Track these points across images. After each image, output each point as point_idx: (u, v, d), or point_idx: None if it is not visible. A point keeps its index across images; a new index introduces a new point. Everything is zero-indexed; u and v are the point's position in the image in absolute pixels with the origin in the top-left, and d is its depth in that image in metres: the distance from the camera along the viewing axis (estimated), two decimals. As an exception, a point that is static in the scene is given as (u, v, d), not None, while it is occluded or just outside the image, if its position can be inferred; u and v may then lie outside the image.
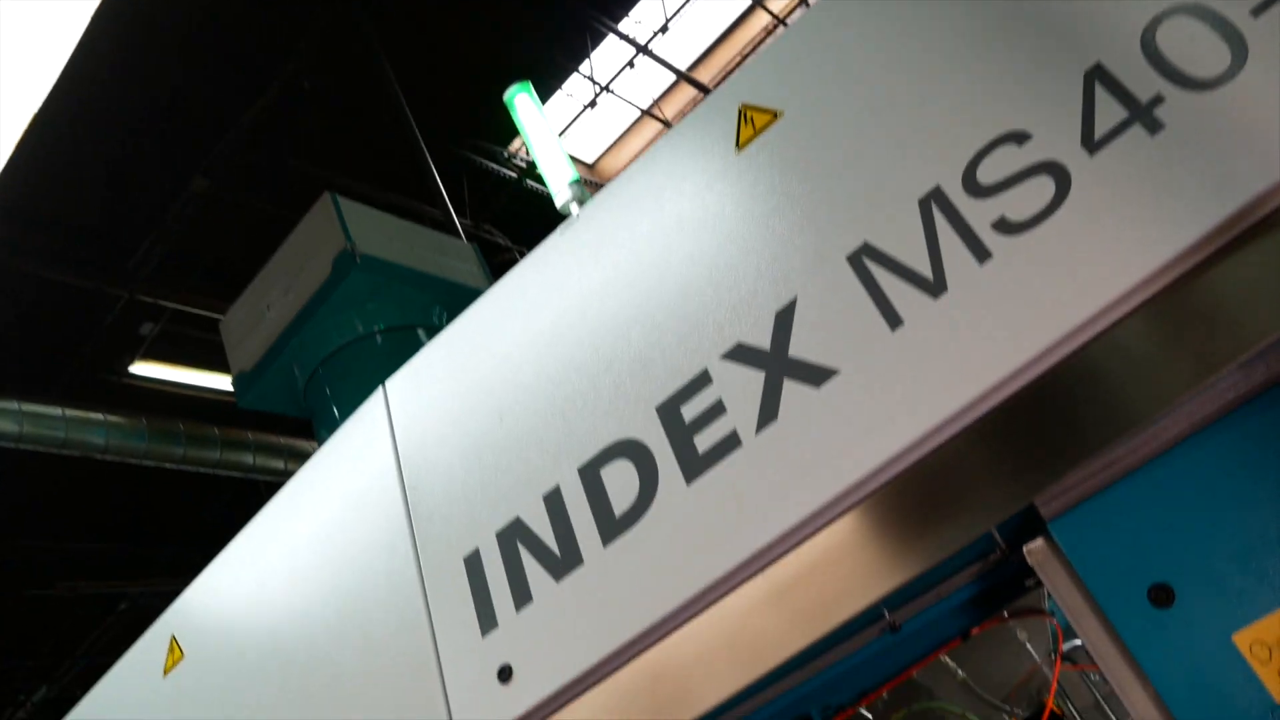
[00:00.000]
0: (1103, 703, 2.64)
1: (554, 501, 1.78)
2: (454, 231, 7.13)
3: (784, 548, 1.51)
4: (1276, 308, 1.28)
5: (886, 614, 1.60)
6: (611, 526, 1.68)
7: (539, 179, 10.61)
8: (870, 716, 2.36)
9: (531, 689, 1.69)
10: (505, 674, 1.72)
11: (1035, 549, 1.45)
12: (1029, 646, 2.17)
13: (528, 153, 10.63)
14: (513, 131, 10.30)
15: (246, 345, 3.92)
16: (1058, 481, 1.41)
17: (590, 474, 1.75)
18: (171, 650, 2.53)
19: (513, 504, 1.84)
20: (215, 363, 9.28)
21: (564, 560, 1.73)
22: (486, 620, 1.79)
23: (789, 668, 1.65)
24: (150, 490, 10.43)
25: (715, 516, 1.57)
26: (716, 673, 1.56)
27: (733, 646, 1.55)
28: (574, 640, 1.67)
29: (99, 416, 7.14)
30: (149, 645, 2.60)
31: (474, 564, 1.85)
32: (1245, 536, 1.33)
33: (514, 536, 1.81)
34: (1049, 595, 1.70)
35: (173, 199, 8.03)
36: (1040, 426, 1.39)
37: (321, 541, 2.21)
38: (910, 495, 1.45)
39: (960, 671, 2.35)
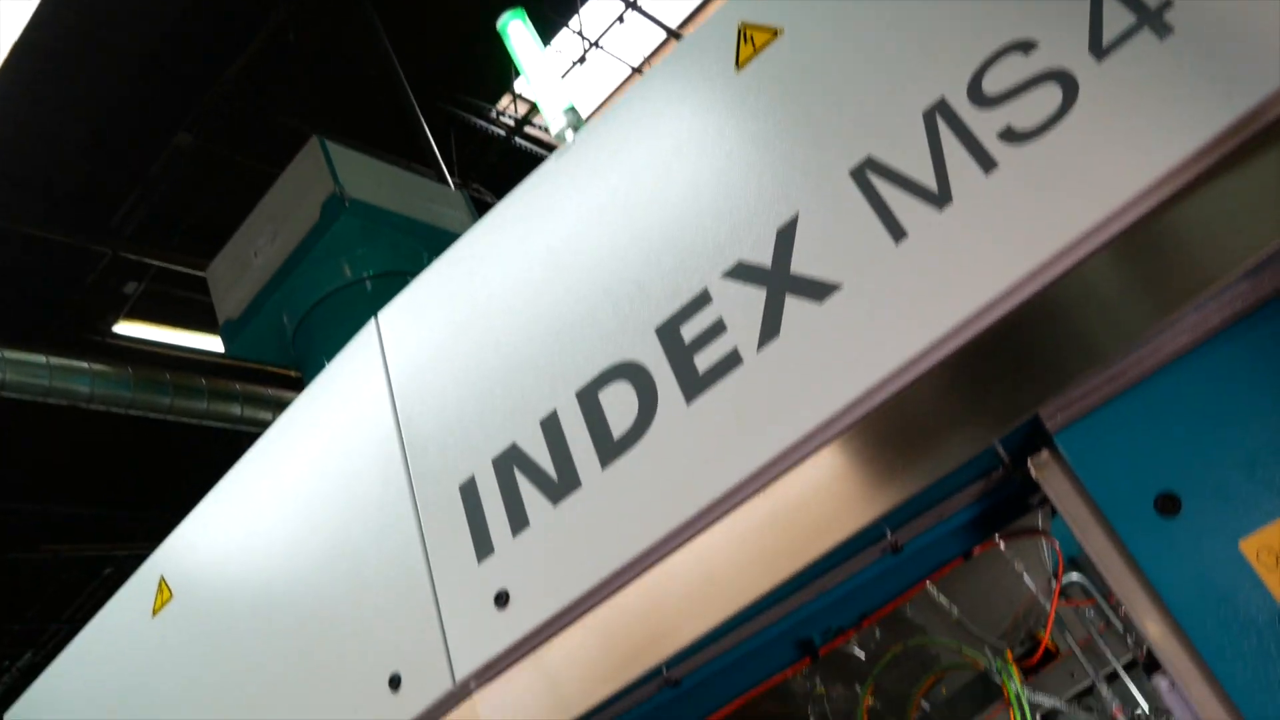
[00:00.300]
0: (1098, 640, 2.65)
1: (551, 426, 1.76)
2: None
3: (786, 464, 1.50)
4: (1288, 212, 1.26)
5: (889, 534, 1.59)
6: (610, 449, 1.66)
7: (528, 136, 10.54)
8: (863, 655, 2.37)
9: (529, 613, 1.68)
10: (502, 599, 1.71)
11: (1041, 461, 1.43)
12: (1026, 579, 2.16)
13: (516, 109, 10.55)
14: (501, 88, 10.23)
15: (233, 292, 3.88)
16: (1063, 394, 1.39)
17: (588, 397, 1.72)
18: (160, 590, 2.51)
19: (509, 431, 1.82)
20: (200, 322, 9.23)
21: (561, 484, 1.71)
22: (483, 547, 1.77)
23: (790, 589, 1.63)
24: (135, 454, 10.39)
25: (716, 435, 1.55)
26: (718, 594, 1.54)
27: (734, 567, 1.53)
28: (572, 563, 1.65)
29: (83, 365, 7.07)
30: (138, 586, 2.57)
31: (469, 492, 1.83)
32: (1252, 444, 1.31)
33: (510, 463, 1.79)
34: (1052, 514, 1.69)
35: (156, 156, 7.95)
36: (1045, 337, 1.38)
37: (313, 476, 2.19)
38: (914, 409, 1.43)
39: (955, 609, 2.35)
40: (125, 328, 9.27)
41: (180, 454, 10.49)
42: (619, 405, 1.68)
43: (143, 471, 10.76)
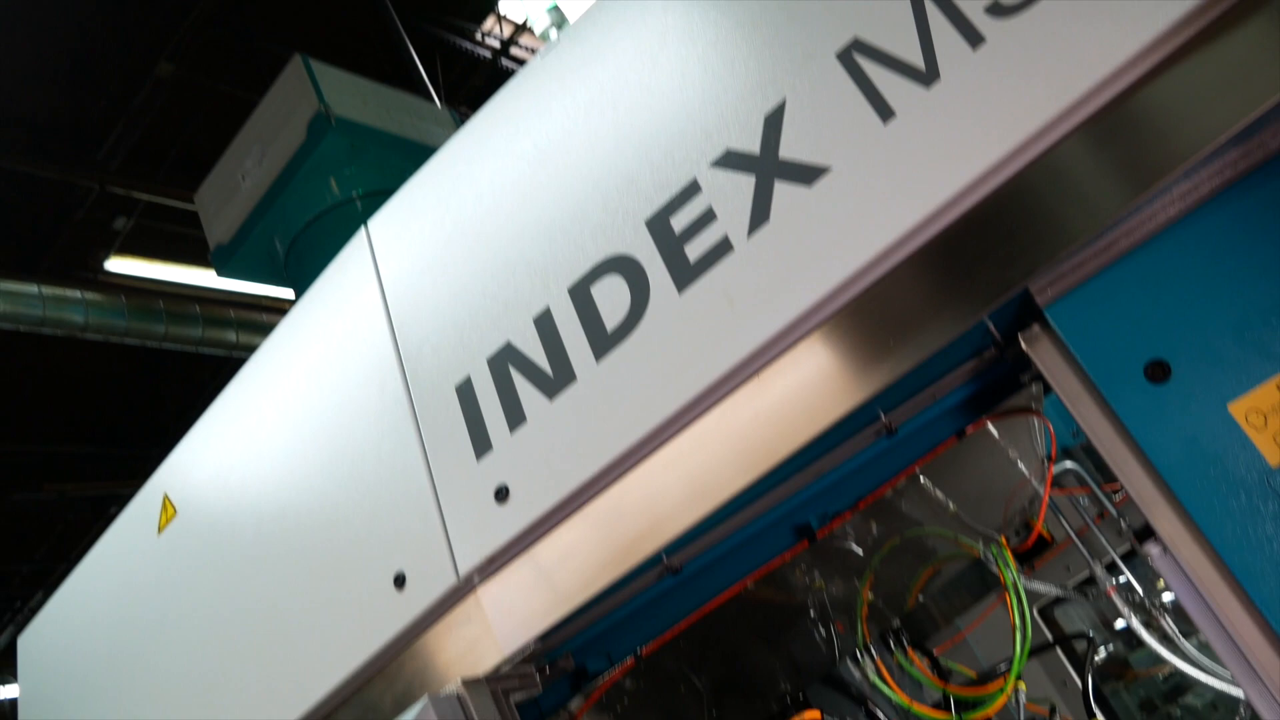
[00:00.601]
0: (1093, 529, 2.68)
1: (545, 323, 1.76)
2: (429, 109, 6.97)
3: (780, 348, 1.50)
4: (1274, 73, 1.25)
5: (882, 416, 1.60)
6: (604, 341, 1.67)
7: (514, 58, 10.39)
8: (861, 550, 2.40)
9: (530, 506, 1.70)
10: (502, 494, 1.73)
11: (1031, 335, 1.44)
12: (1020, 465, 2.18)
13: (501, 30, 10.39)
14: (486, 8, 10.06)
15: (223, 216, 3.85)
16: (1053, 268, 1.39)
17: (580, 292, 1.73)
18: (165, 508, 2.53)
19: (503, 329, 1.82)
20: (192, 257, 9.18)
21: (557, 379, 1.72)
22: (481, 444, 1.79)
23: (786, 473, 1.65)
24: (136, 391, 10.42)
25: (709, 322, 1.56)
26: (713, 480, 1.56)
27: (729, 452, 1.55)
28: (570, 456, 1.67)
29: (77, 294, 7.05)
30: (142, 506, 2.60)
31: (466, 392, 1.84)
32: (1240, 309, 1.32)
33: (505, 361, 1.80)
34: (1045, 392, 1.71)
35: (138, 86, 7.83)
36: (1034, 211, 1.37)
37: (311, 386, 2.20)
38: (905, 287, 1.43)
39: (951, 504, 2.37)
40: (117, 264, 9.22)
41: (180, 390, 10.53)
42: (611, 299, 1.68)
43: (144, 408, 10.79)
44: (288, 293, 3.93)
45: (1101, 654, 3.71)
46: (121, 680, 2.54)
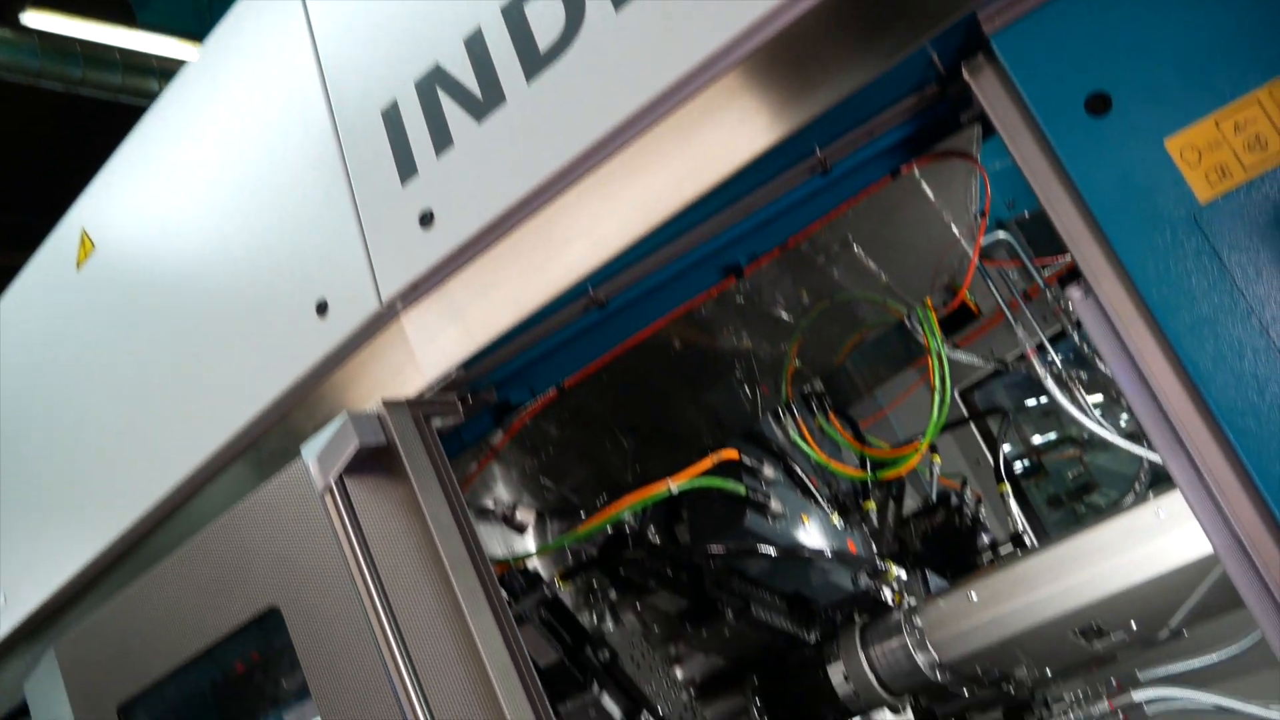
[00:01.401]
0: (1023, 306, 2.72)
1: (475, 43, 1.68)
2: None
3: (716, 69, 1.44)
4: None
5: (818, 151, 1.56)
6: (536, 62, 1.60)
7: None
8: (790, 318, 2.41)
9: (455, 231, 1.66)
10: (427, 219, 1.68)
11: (975, 65, 1.40)
12: (954, 229, 2.17)
13: None
14: None
15: (141, -51, 3.61)
16: (1003, -5, 1.34)
17: (513, 11, 1.64)
18: (83, 243, 2.46)
19: (431, 51, 1.73)
20: (114, 14, 8.67)
21: (486, 101, 1.65)
22: (406, 168, 1.73)
23: (717, 206, 1.62)
24: (54, 151, 10.01)
25: (645, 42, 1.49)
26: (641, 206, 1.53)
27: (659, 179, 1.51)
28: (497, 180, 1.62)
29: (-12, 31, 6.61)
30: (60, 241, 2.52)
31: (392, 116, 1.77)
32: (1185, 43, 1.29)
33: (433, 83, 1.72)
34: (984, 137, 1.68)
35: None
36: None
37: (231, 114, 2.10)
38: (853, 5, 1.37)
39: (883, 275, 2.38)
40: (32, 18, 8.69)
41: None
42: (545, 17, 1.60)
43: (61, 171, 10.40)
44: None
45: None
46: (40, 418, 2.52)
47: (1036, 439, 4.29)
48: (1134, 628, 2.05)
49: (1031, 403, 4.15)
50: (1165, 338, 1.27)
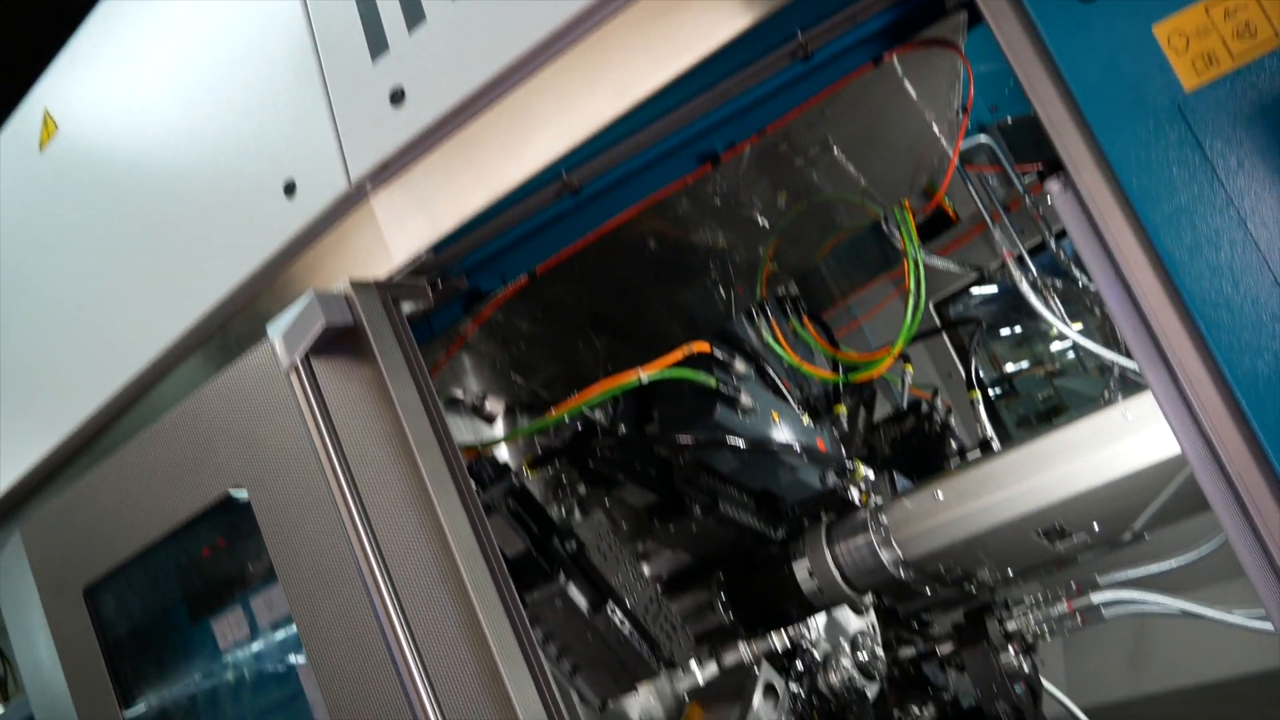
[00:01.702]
0: (1001, 212, 2.71)
1: (451, -86, 1.62)
2: None
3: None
4: None
5: (799, 35, 1.52)
6: (514, -68, 1.55)
7: None
8: (768, 224, 2.38)
9: (426, 108, 1.62)
10: (397, 97, 1.64)
11: (962, -56, 1.36)
12: (934, 128, 2.14)
13: None
14: None
15: None
16: None
17: (492, -122, 1.58)
18: (45, 124, 2.39)
19: (404, -79, 1.68)
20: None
21: (461, -26, 1.60)
22: (377, 44, 1.68)
23: (695, 90, 1.59)
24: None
25: (626, -87, 1.45)
26: (615, 82, 1.49)
27: (636, 57, 1.48)
28: (470, 56, 1.58)
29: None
30: (21, 122, 2.45)
31: (362, -12, 1.71)
32: (1182, -76, 1.26)
33: (407, -45, 1.67)
34: (968, 27, 1.65)
35: None
36: None
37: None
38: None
39: (862, 179, 2.35)
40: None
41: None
42: (525, -113, 1.55)
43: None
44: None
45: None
46: (2, 303, 2.47)
47: (1010, 367, 4.33)
48: (1096, 529, 2.07)
49: (1005, 332, 4.17)
50: (1143, 228, 1.26)
